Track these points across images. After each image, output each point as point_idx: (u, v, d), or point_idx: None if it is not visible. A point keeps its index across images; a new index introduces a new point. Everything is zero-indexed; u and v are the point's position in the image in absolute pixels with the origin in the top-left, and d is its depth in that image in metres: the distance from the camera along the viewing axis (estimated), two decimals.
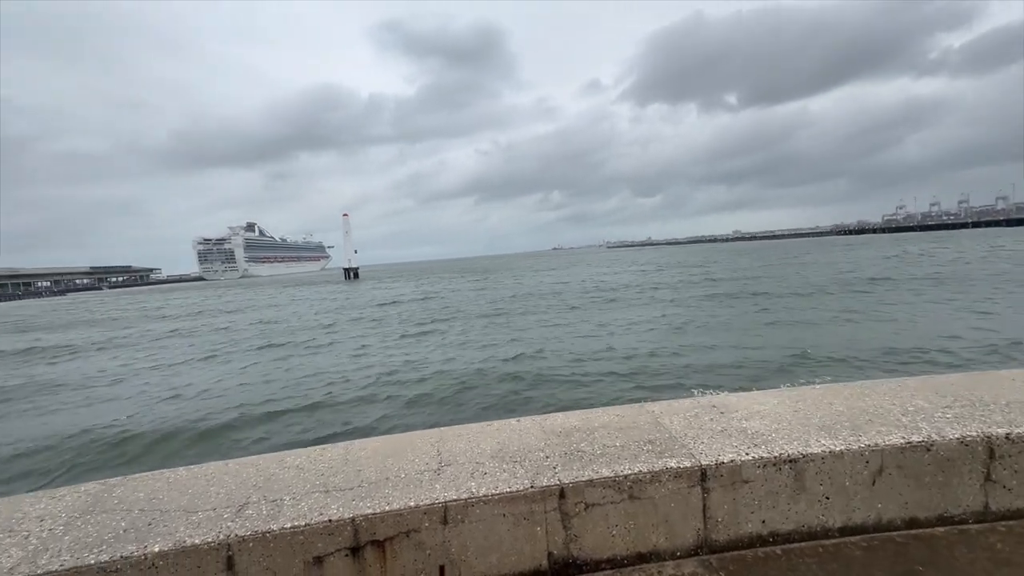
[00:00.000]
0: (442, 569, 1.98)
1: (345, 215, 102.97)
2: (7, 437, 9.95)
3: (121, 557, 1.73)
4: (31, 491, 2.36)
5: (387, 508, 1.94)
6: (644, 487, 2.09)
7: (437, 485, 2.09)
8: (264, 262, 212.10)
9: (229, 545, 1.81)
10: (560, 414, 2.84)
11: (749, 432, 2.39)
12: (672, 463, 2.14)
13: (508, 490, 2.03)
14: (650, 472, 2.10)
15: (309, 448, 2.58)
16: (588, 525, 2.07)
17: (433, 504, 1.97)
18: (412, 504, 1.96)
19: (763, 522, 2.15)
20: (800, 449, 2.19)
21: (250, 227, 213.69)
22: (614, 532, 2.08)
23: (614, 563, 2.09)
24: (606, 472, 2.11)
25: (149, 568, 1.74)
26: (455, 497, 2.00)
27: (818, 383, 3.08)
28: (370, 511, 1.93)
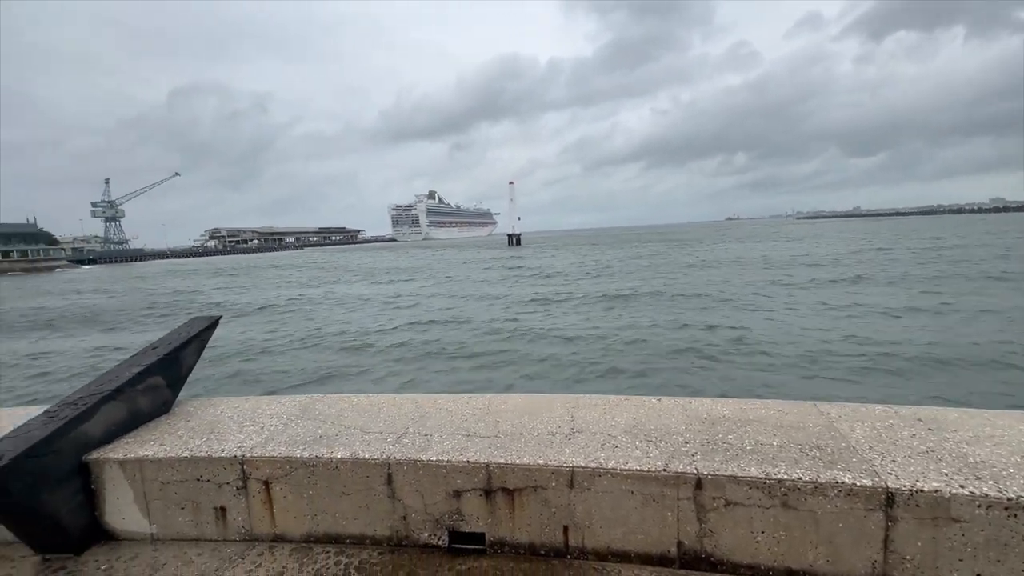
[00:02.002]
0: (566, 529, 2.03)
1: (511, 183, 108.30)
2: None
3: (316, 456, 2.19)
4: (264, 395, 3.13)
5: (518, 461, 2.05)
6: (803, 497, 1.79)
7: (567, 449, 2.12)
8: (441, 226, 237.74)
9: (389, 464, 2.14)
10: (708, 399, 2.59)
11: (971, 460, 1.84)
12: (845, 477, 1.78)
13: (638, 468, 1.95)
14: (813, 482, 1.78)
15: (457, 395, 2.86)
16: (727, 523, 1.87)
17: (561, 466, 2.01)
18: (541, 462, 2.03)
19: None
20: None
21: (431, 195, 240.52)
22: (759, 538, 1.84)
23: (756, 571, 1.86)
24: (755, 471, 1.86)
25: (333, 470, 2.17)
26: (583, 464, 2.00)
27: None
28: (503, 461, 2.06)
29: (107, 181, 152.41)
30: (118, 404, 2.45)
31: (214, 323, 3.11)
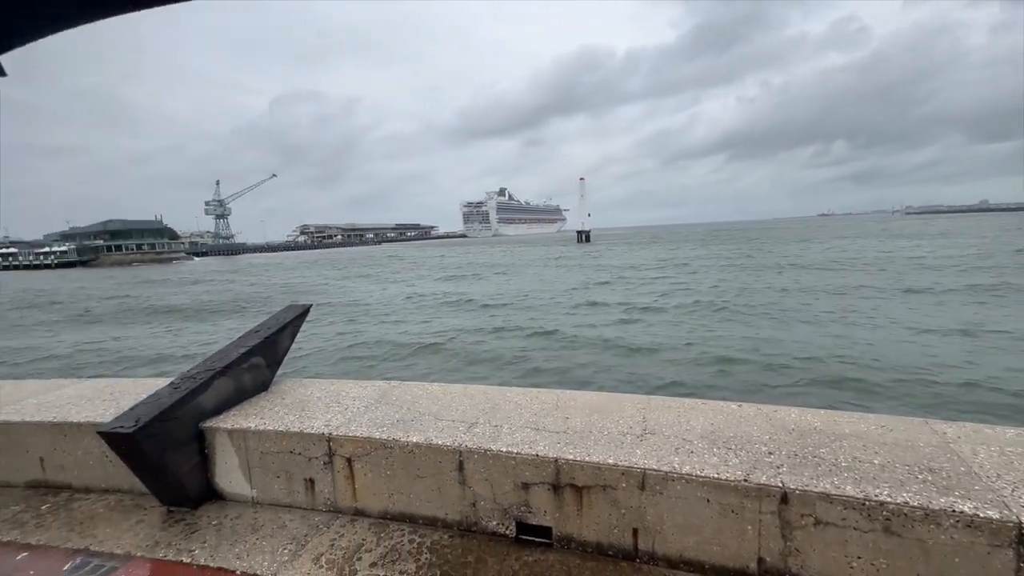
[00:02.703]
0: (635, 532, 1.98)
1: (581, 179, 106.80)
2: None
3: (393, 439, 2.32)
4: (349, 378, 3.36)
5: (587, 459, 2.03)
6: (910, 524, 1.60)
7: (638, 450, 2.07)
8: (510, 223, 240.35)
9: (460, 452, 2.21)
10: (795, 408, 2.40)
11: None
12: (964, 507, 1.57)
13: (716, 476, 1.85)
14: (923, 508, 1.59)
15: (527, 388, 2.88)
16: (817, 544, 1.73)
17: (631, 468, 1.96)
18: (611, 462, 2.00)
19: None
20: None
21: (501, 192, 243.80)
22: (854, 564, 1.68)
23: None
24: (852, 490, 1.70)
25: (409, 453, 2.28)
26: (655, 467, 1.94)
27: None
28: (572, 457, 2.05)
29: (217, 182, 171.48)
30: (227, 380, 2.75)
31: (306, 311, 3.39)
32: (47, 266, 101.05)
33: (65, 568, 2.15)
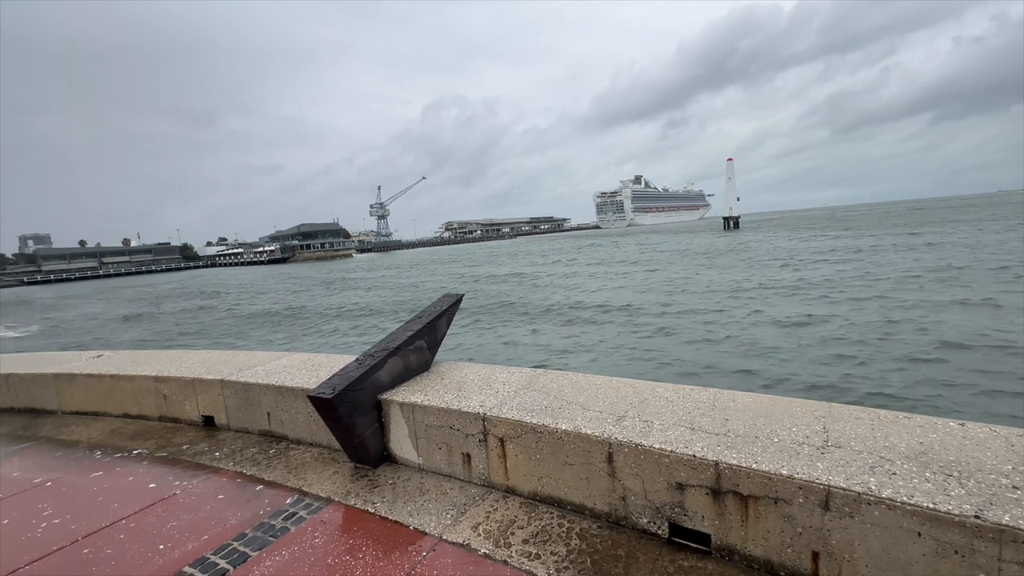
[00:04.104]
0: (815, 556, 1.74)
1: (729, 160, 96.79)
2: None
3: (542, 424, 2.39)
4: (498, 364, 3.57)
5: (754, 466, 1.84)
6: None
7: (819, 464, 1.80)
8: (647, 212, 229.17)
9: (610, 444, 2.18)
10: None
11: None
12: None
13: (931, 506, 1.52)
14: None
15: (679, 385, 2.72)
16: None
17: (811, 482, 1.72)
18: (784, 473, 1.78)
19: None
20: None
21: (637, 180, 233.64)
22: None
23: None
24: None
25: (557, 440, 2.33)
26: (844, 486, 1.67)
27: None
28: (735, 462, 1.88)
29: (379, 188, 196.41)
30: (398, 359, 3.14)
31: (459, 300, 3.68)
32: (261, 262, 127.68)
33: (288, 501, 2.69)
